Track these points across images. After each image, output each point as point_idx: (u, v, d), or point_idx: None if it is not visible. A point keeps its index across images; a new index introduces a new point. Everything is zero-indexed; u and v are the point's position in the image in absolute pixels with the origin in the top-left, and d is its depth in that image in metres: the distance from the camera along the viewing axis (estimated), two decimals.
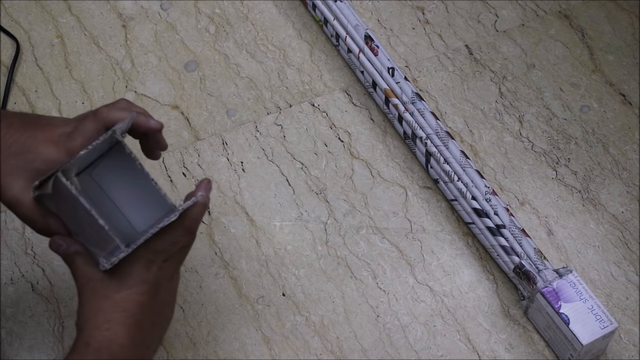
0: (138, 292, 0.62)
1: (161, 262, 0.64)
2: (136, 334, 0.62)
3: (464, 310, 0.81)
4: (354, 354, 0.79)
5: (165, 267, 0.65)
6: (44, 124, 0.66)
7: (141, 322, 0.62)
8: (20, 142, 0.64)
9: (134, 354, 0.62)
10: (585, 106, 0.95)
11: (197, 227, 0.67)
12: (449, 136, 0.87)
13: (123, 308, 0.62)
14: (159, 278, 0.64)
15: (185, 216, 0.65)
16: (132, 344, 0.61)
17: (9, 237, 0.85)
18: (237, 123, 0.94)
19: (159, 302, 0.65)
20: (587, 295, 0.76)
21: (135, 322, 0.62)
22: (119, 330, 0.61)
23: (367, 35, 0.94)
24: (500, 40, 1.00)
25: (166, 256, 0.65)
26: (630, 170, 0.90)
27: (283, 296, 0.82)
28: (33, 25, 1.02)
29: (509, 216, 0.82)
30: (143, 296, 0.63)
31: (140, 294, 0.62)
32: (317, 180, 0.89)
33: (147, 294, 0.63)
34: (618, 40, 1.01)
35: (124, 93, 0.96)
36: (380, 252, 0.85)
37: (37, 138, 0.64)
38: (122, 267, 0.63)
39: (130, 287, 0.62)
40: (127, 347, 0.61)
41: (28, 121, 0.66)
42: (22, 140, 0.64)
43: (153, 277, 0.63)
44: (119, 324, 0.61)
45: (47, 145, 0.64)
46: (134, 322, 0.62)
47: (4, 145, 0.64)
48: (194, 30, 1.01)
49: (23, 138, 0.64)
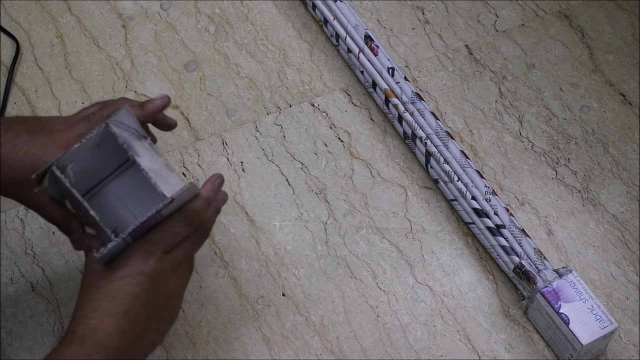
0: (131, 283, 0.62)
1: (161, 253, 0.64)
2: (125, 323, 0.61)
3: (464, 310, 0.81)
4: (354, 354, 0.79)
5: (167, 258, 0.64)
6: (49, 130, 0.66)
7: (131, 312, 0.62)
8: (32, 153, 0.64)
9: (121, 342, 0.61)
10: (585, 106, 0.95)
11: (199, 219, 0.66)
12: (448, 136, 0.87)
13: (112, 297, 0.61)
14: (159, 270, 0.63)
15: (184, 207, 0.65)
16: (118, 331, 0.61)
17: (9, 237, 0.85)
18: (237, 123, 0.94)
19: (159, 294, 0.64)
20: (587, 295, 0.76)
21: (124, 311, 0.61)
22: (105, 318, 0.61)
23: (367, 35, 0.94)
24: (500, 40, 1.01)
25: (166, 247, 0.64)
26: (630, 170, 0.90)
27: (283, 296, 0.82)
28: (33, 25, 1.02)
29: (509, 216, 0.82)
30: (136, 287, 0.62)
31: (133, 284, 0.62)
32: (317, 180, 0.89)
33: (141, 284, 0.62)
34: (618, 40, 1.01)
35: (124, 93, 0.96)
36: (380, 252, 0.85)
37: (47, 148, 0.65)
38: (120, 258, 0.63)
39: (123, 278, 0.62)
40: (112, 335, 0.60)
41: (33, 129, 0.66)
42: (34, 151, 0.64)
43: (150, 269, 0.63)
44: (106, 313, 0.61)
45: (58, 154, 0.64)
46: (123, 312, 0.61)
47: (18, 157, 0.64)
48: (194, 30, 1.01)
49: (34, 149, 0.64)
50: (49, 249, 0.84)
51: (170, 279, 0.65)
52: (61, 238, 0.85)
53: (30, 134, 0.65)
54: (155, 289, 0.63)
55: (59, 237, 0.85)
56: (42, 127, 0.66)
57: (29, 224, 0.86)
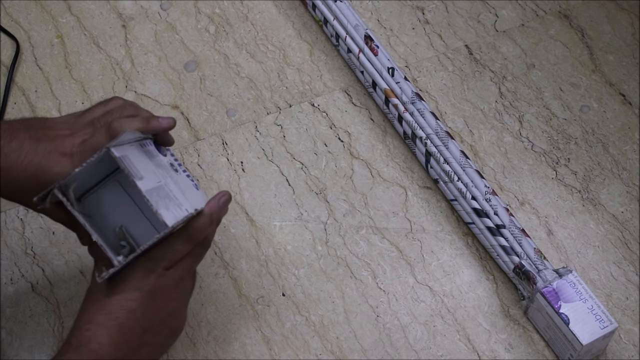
0: (128, 298, 0.63)
1: (162, 269, 0.65)
2: (119, 336, 0.62)
3: (464, 310, 0.81)
4: (354, 354, 0.79)
5: (168, 275, 0.65)
6: (53, 136, 0.66)
7: (126, 326, 0.63)
8: (35, 162, 0.64)
9: (114, 353, 0.62)
10: (585, 106, 0.95)
11: (201, 236, 0.67)
12: (448, 136, 0.87)
13: (108, 311, 0.63)
14: (158, 286, 0.64)
15: (187, 225, 0.66)
16: (111, 343, 0.61)
17: (9, 237, 0.85)
18: (237, 123, 0.94)
19: (157, 309, 0.65)
20: (587, 295, 0.76)
21: (119, 325, 0.62)
22: (98, 330, 0.62)
23: (367, 35, 0.94)
24: (500, 40, 1.01)
25: (167, 264, 0.65)
26: (630, 170, 0.90)
27: (283, 296, 0.82)
28: (33, 25, 1.02)
29: (509, 216, 0.82)
30: (132, 302, 0.63)
31: (129, 299, 0.63)
32: (317, 180, 0.89)
33: (138, 300, 0.63)
34: (618, 40, 1.01)
35: (124, 93, 0.96)
36: (380, 252, 0.85)
37: (51, 156, 0.65)
38: (122, 274, 0.64)
39: (120, 293, 0.63)
40: (106, 346, 0.61)
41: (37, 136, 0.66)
42: (37, 160, 0.64)
43: (149, 285, 0.64)
44: (100, 325, 0.62)
45: (62, 162, 0.64)
46: (117, 325, 0.62)
47: (22, 167, 0.64)
48: (194, 30, 1.01)
49: (38, 158, 0.64)
50: (49, 249, 0.84)
51: (172, 294, 0.66)
52: (61, 238, 0.85)
53: (34, 141, 0.65)
54: (153, 304, 0.64)
55: (59, 237, 0.85)
56: (46, 134, 0.66)
57: (29, 224, 0.86)
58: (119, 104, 0.70)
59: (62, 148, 0.65)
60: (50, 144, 0.65)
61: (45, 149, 0.65)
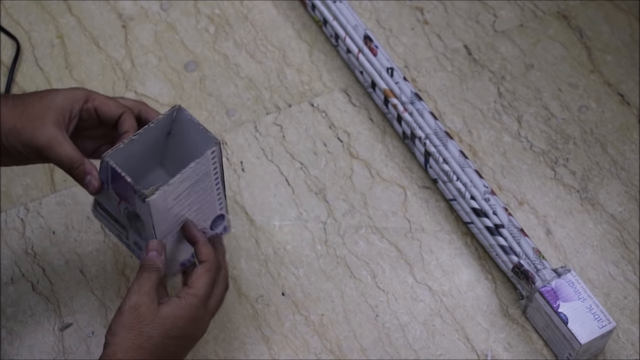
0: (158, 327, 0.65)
1: (209, 318, 0.69)
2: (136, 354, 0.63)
3: (463, 309, 0.82)
4: (353, 354, 0.79)
5: (209, 322, 0.70)
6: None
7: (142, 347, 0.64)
8: (25, 97, 0.68)
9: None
10: (583, 106, 0.95)
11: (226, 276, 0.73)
12: (447, 136, 0.87)
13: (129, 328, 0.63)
14: (194, 332, 0.68)
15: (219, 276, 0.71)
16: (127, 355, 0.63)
17: (9, 236, 0.85)
18: (236, 123, 0.94)
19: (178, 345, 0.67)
20: (585, 295, 0.76)
21: (136, 346, 0.63)
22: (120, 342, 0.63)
23: (366, 36, 0.94)
24: (499, 41, 1.01)
25: (215, 311, 0.70)
26: (628, 170, 0.91)
27: (282, 295, 0.82)
28: (33, 25, 1.02)
29: (508, 216, 0.82)
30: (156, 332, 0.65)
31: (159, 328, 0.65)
32: (317, 180, 0.90)
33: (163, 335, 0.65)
34: (616, 41, 1.01)
35: (124, 93, 0.96)
36: (379, 252, 0.85)
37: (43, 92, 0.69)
38: (173, 303, 0.65)
39: (152, 322, 0.64)
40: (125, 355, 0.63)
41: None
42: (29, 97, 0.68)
43: (183, 333, 0.67)
44: (123, 339, 0.63)
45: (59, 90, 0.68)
46: (134, 346, 0.63)
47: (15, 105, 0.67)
48: (194, 30, 1.02)
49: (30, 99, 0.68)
50: (49, 248, 0.84)
51: (200, 334, 0.69)
52: (61, 238, 0.85)
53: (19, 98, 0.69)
54: (177, 340, 0.66)
55: (59, 236, 0.85)
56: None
57: (29, 223, 0.86)
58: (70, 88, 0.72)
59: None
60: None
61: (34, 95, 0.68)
